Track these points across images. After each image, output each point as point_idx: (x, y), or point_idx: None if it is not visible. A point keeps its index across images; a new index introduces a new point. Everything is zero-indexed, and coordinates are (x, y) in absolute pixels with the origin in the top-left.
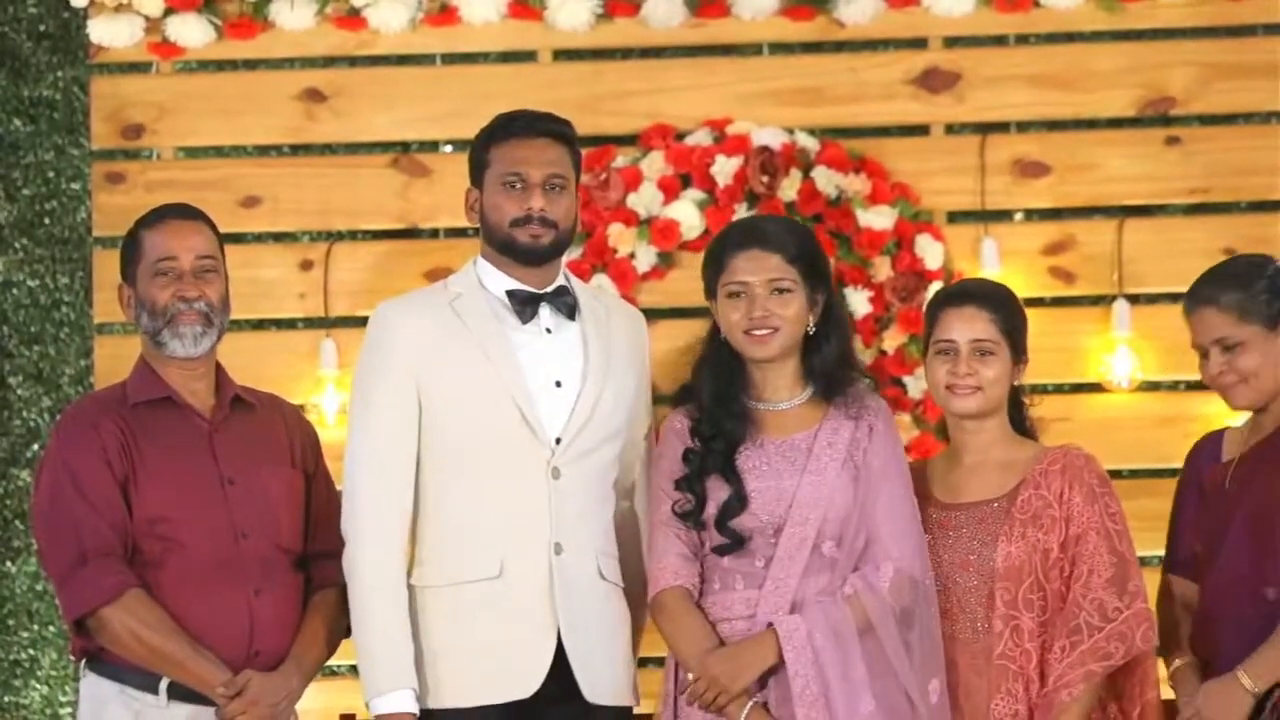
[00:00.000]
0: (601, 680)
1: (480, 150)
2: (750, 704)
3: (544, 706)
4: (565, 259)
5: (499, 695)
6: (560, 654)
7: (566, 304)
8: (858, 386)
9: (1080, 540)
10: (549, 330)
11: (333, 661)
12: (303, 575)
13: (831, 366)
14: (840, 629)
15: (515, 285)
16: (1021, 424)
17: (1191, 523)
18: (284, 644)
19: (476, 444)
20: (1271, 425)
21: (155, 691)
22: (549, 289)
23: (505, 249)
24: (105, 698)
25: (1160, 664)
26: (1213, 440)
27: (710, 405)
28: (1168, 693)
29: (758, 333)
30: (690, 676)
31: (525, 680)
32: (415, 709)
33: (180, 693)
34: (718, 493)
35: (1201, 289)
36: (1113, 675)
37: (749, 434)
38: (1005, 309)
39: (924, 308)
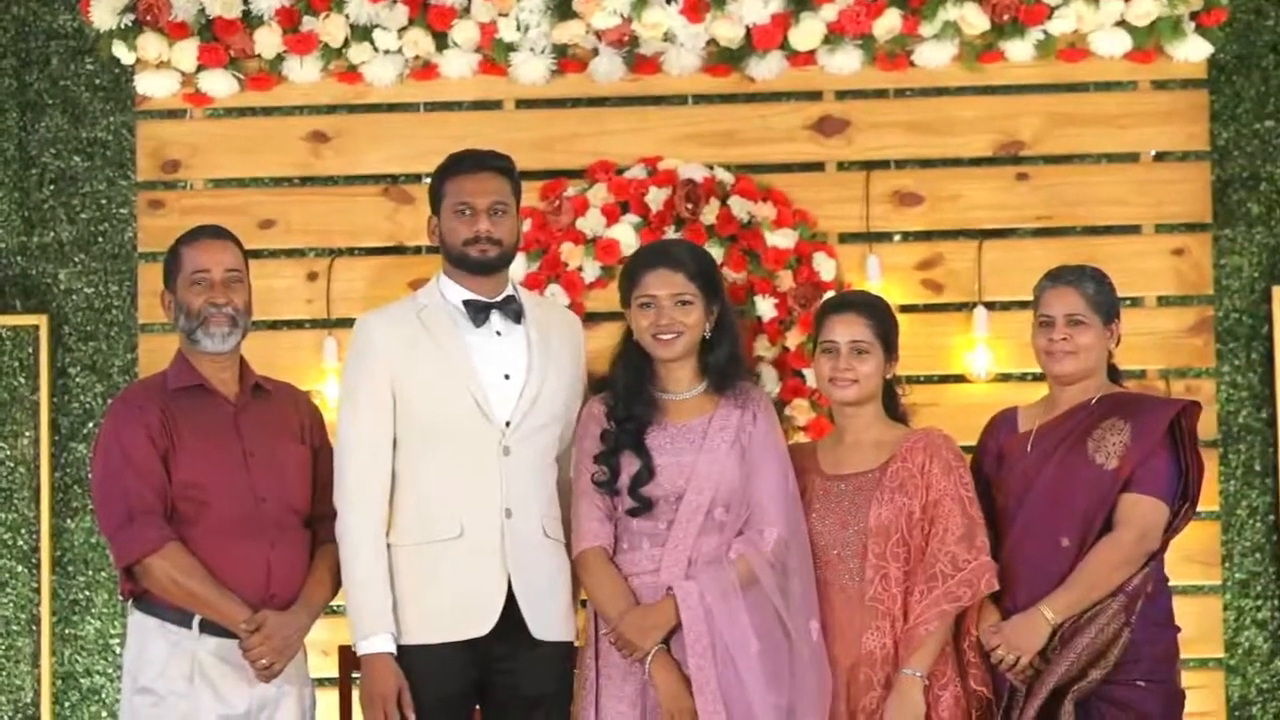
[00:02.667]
0: (546, 620)
1: (437, 185)
2: (655, 650)
3: (498, 643)
4: (524, 272)
5: (461, 634)
6: (511, 599)
7: (514, 310)
8: (744, 381)
9: (937, 504)
10: (499, 333)
11: (335, 602)
12: (310, 532)
13: (723, 364)
14: (727, 588)
15: (470, 295)
16: (894, 410)
17: (992, 482)
18: (295, 589)
19: (440, 428)
20: (1067, 404)
21: (189, 626)
22: (499, 298)
23: (460, 264)
24: (149, 630)
25: None
26: (1008, 416)
27: (624, 394)
28: None
29: (664, 337)
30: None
31: (482, 621)
32: (393, 649)
33: (210, 628)
34: (630, 466)
35: (1066, 274)
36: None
37: (655, 418)
38: (879, 315)
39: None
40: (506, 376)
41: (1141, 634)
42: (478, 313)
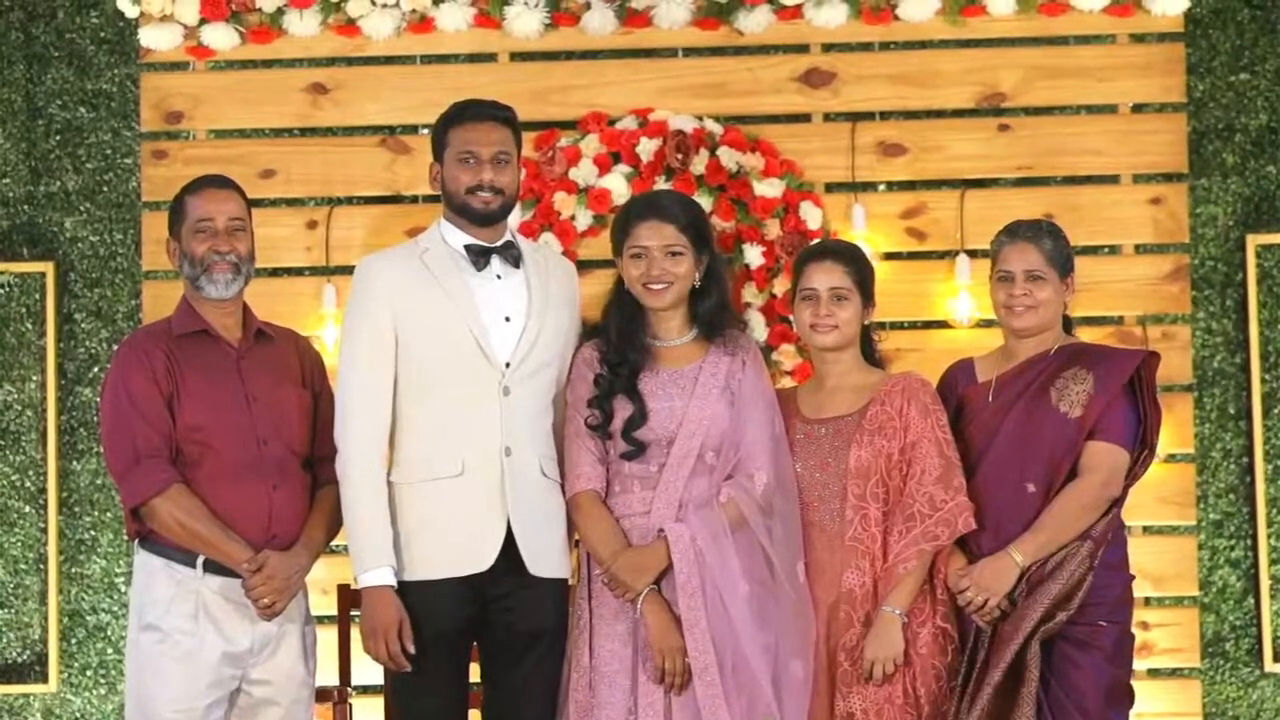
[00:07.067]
0: (542, 557)
1: (440, 132)
2: (646, 590)
3: (496, 579)
4: (518, 221)
5: (461, 570)
6: (509, 536)
7: (513, 255)
8: (732, 329)
9: (915, 446)
10: (499, 277)
11: (334, 543)
12: (310, 474)
13: (712, 312)
14: (717, 531)
15: (471, 240)
16: (871, 355)
17: (955, 431)
18: (296, 529)
19: (441, 368)
20: (1024, 355)
21: (194, 566)
22: (499, 243)
23: (462, 212)
24: (154, 570)
25: None
26: (964, 366)
27: (617, 340)
28: None
29: (655, 287)
30: (599, 571)
31: (481, 557)
32: (394, 582)
33: (213, 567)
34: (623, 410)
35: (1024, 230)
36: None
37: (647, 363)
38: (857, 263)
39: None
40: (507, 319)
41: (1102, 578)
42: (478, 256)
